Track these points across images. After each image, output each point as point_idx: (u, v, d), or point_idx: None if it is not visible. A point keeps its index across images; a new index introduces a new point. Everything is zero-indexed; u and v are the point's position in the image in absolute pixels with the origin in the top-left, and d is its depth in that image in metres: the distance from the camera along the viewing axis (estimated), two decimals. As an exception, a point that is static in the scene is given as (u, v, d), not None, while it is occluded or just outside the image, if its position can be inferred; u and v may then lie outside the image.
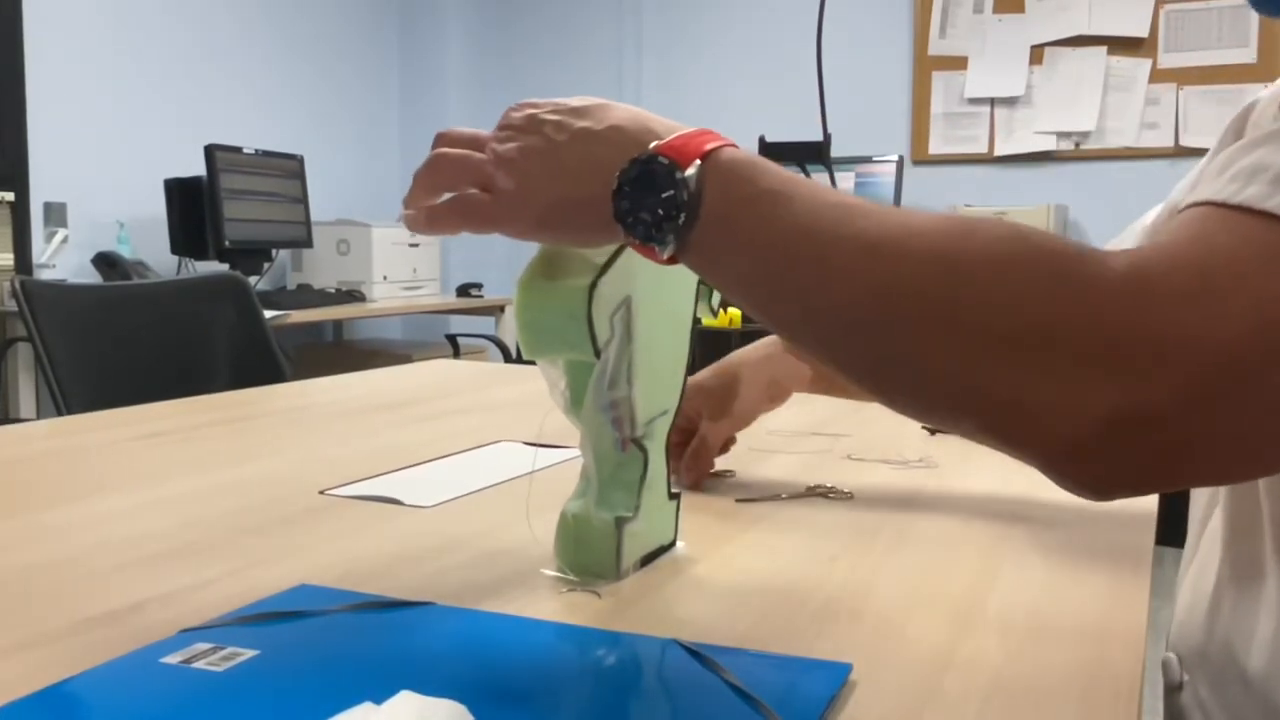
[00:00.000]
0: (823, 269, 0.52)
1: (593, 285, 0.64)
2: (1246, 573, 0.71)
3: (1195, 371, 0.44)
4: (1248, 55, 3.76)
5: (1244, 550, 0.72)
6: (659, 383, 0.73)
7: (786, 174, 0.56)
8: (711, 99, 4.45)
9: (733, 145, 0.57)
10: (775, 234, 0.54)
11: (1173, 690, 0.78)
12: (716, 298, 0.77)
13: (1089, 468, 0.47)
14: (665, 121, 0.60)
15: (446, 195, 0.64)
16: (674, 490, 0.76)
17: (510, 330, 4.25)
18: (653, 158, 0.57)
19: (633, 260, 0.67)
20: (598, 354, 0.66)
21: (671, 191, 0.56)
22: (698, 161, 0.56)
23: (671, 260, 0.57)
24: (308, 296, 3.78)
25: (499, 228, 0.63)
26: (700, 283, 0.76)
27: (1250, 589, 0.70)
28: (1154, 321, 0.45)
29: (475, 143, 0.64)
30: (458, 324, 4.54)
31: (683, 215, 0.55)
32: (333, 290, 3.95)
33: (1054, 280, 0.46)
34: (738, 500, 0.92)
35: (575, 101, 0.63)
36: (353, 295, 3.95)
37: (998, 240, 0.49)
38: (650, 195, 0.56)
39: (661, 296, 0.72)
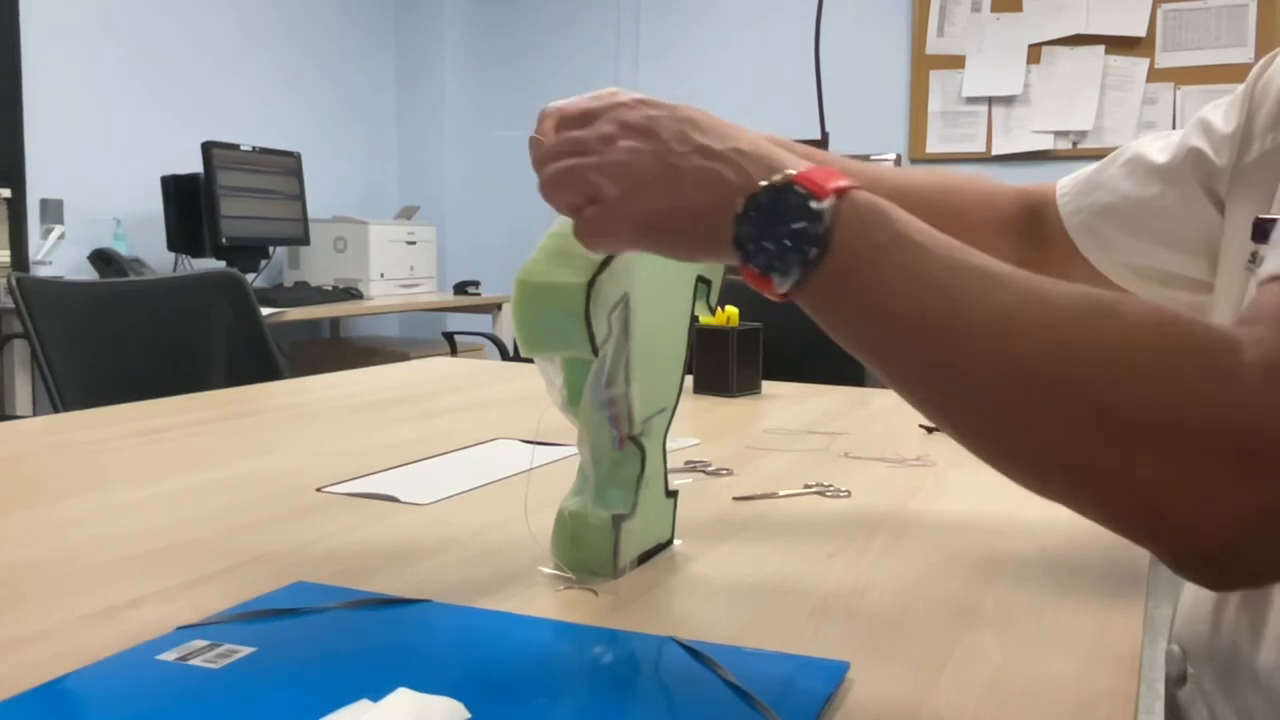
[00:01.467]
0: (955, 334, 0.50)
1: (591, 283, 0.64)
2: None
3: None
4: (1245, 54, 3.77)
5: None
6: (657, 381, 0.73)
7: (921, 224, 0.54)
8: (709, 96, 4.45)
9: (860, 188, 0.55)
10: (908, 285, 0.52)
11: (1176, 683, 0.78)
12: (714, 296, 0.77)
13: (1224, 563, 0.47)
14: (786, 153, 0.58)
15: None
16: (671, 488, 0.76)
17: (507, 328, 4.26)
18: (788, 185, 0.54)
19: (631, 259, 0.67)
20: (595, 352, 0.66)
21: (804, 223, 0.53)
22: (834, 197, 0.53)
23: (784, 297, 0.55)
24: (305, 294, 3.77)
25: (608, 240, 0.61)
26: (698, 280, 0.76)
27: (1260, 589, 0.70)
28: None
29: (587, 117, 0.61)
30: (455, 321, 4.54)
31: (814, 249, 0.53)
32: (330, 287, 3.95)
33: (1189, 376, 0.46)
34: (735, 498, 0.92)
35: (694, 114, 0.60)
36: (350, 292, 3.94)
37: (1137, 327, 0.48)
38: (779, 224, 0.54)
39: (659, 295, 0.72)
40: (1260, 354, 0.46)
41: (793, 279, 0.54)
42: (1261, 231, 0.71)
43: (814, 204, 0.53)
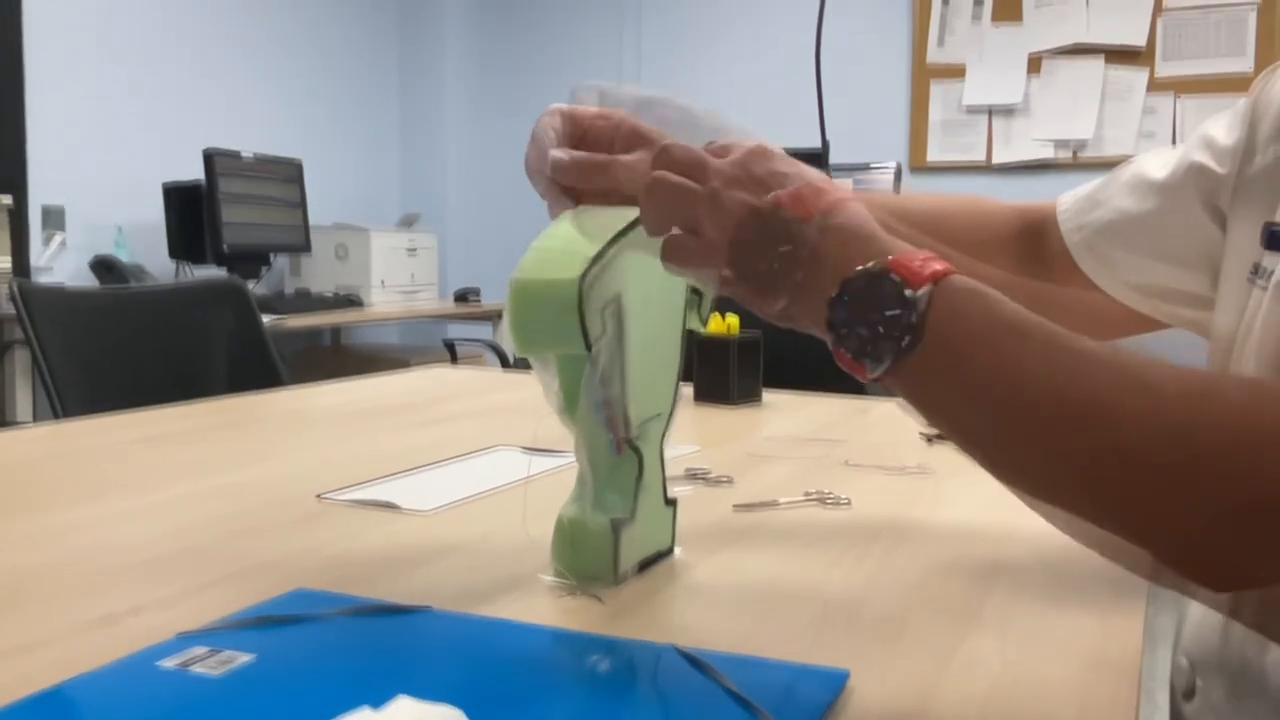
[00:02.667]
0: (1053, 423, 0.50)
1: (583, 276, 0.64)
2: None
3: None
4: (1245, 65, 3.78)
5: None
6: (652, 385, 0.73)
7: (1016, 307, 0.53)
8: (710, 107, 4.45)
9: (957, 271, 0.54)
10: (1003, 375, 0.51)
11: (1185, 695, 0.78)
12: (705, 309, 0.77)
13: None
14: (888, 236, 0.57)
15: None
16: (671, 496, 0.76)
17: (508, 336, 4.25)
18: (885, 272, 0.53)
19: (624, 259, 0.68)
20: (589, 347, 0.66)
21: (899, 311, 0.53)
22: (930, 285, 0.53)
23: (878, 379, 0.55)
24: (306, 301, 3.78)
25: (695, 269, 0.61)
26: (690, 291, 0.76)
27: (1270, 597, 0.70)
28: None
29: (698, 168, 0.60)
30: (455, 330, 4.54)
31: (907, 339, 0.52)
32: (331, 295, 3.95)
33: None
34: (735, 506, 0.92)
35: (815, 177, 0.59)
36: (351, 300, 3.95)
37: (1236, 407, 0.48)
38: (873, 311, 0.53)
39: (652, 300, 0.72)
40: None
41: (884, 366, 0.53)
42: (1273, 238, 0.71)
43: (909, 292, 0.53)
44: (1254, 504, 0.46)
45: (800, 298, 0.57)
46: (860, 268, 0.54)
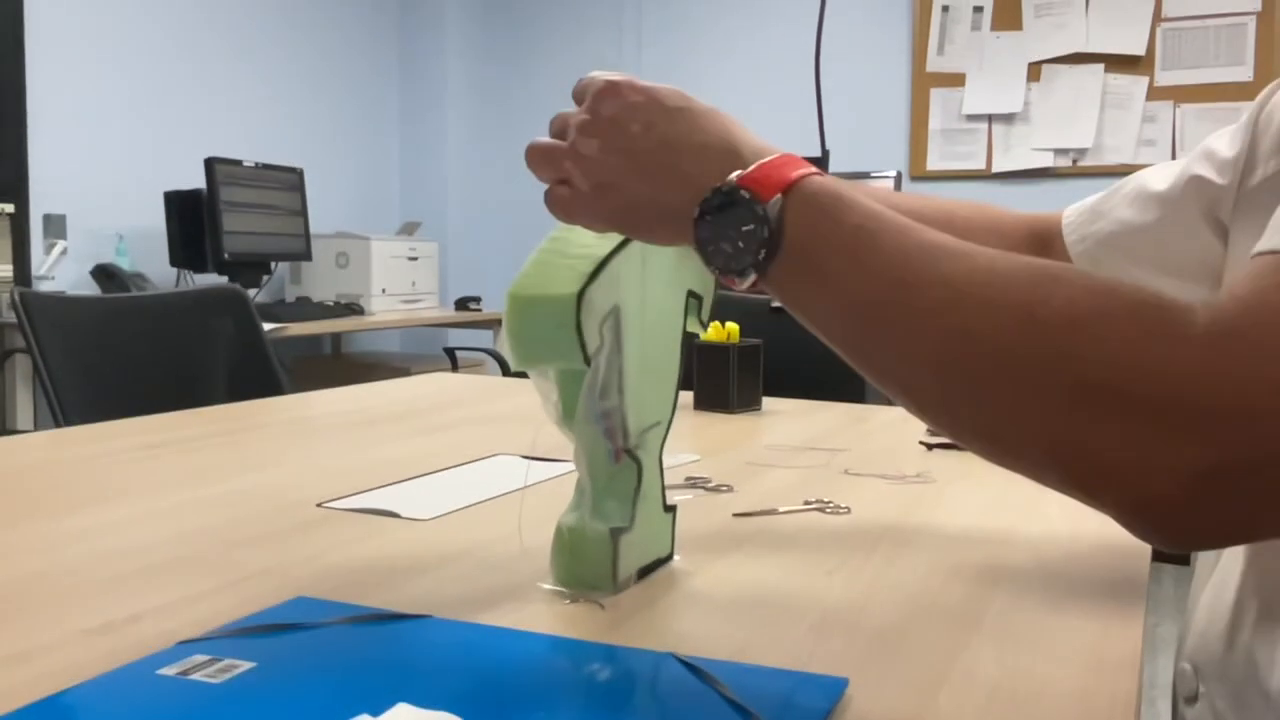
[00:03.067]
0: (906, 312, 0.52)
1: (580, 293, 0.65)
2: (1271, 590, 0.71)
3: None
4: (1244, 73, 3.78)
5: (1269, 566, 0.72)
6: (651, 394, 0.73)
7: (872, 208, 0.55)
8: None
9: (818, 173, 0.57)
10: (859, 274, 0.54)
11: (1187, 702, 0.78)
12: (705, 312, 0.77)
13: (1178, 522, 0.47)
14: (752, 141, 0.60)
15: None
16: (670, 504, 0.76)
17: (506, 349, 4.25)
18: (735, 189, 0.56)
19: (621, 270, 0.68)
20: (587, 361, 0.66)
21: (752, 226, 0.55)
22: (780, 195, 0.55)
23: (752, 289, 0.57)
24: (306, 309, 3.78)
25: (580, 219, 0.64)
26: (689, 296, 0.76)
27: (1275, 607, 0.70)
28: (1245, 377, 0.45)
29: (560, 124, 0.64)
30: (456, 337, 4.54)
31: (763, 252, 0.55)
32: (331, 303, 3.95)
33: (1141, 337, 0.47)
34: (735, 514, 0.92)
35: (667, 98, 0.62)
36: (351, 308, 3.95)
37: (1085, 291, 0.49)
38: (731, 228, 0.56)
39: (650, 308, 0.72)
40: (1210, 314, 0.47)
41: (751, 277, 0.57)
42: None
43: (760, 208, 0.55)
44: (1098, 385, 0.46)
45: (667, 221, 0.60)
46: (714, 187, 0.57)
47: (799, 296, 0.57)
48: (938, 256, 0.52)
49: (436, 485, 1.02)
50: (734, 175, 0.57)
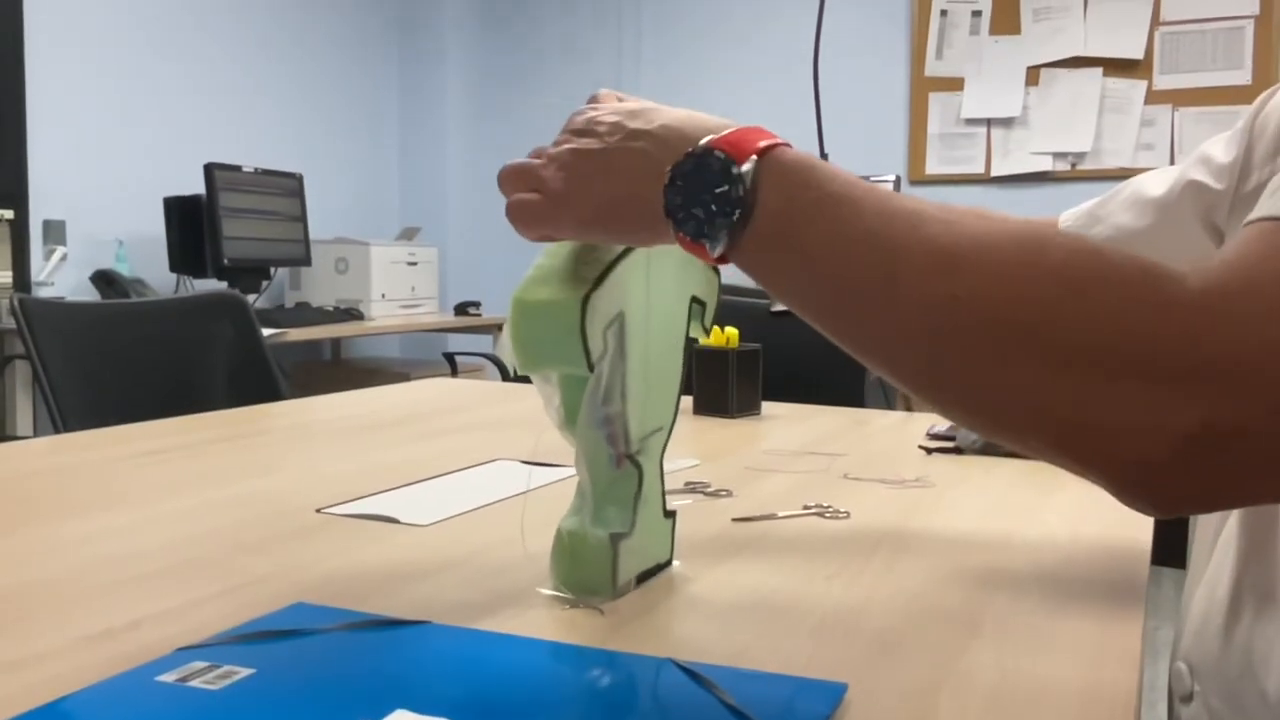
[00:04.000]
0: (890, 279, 0.51)
1: (586, 298, 0.65)
2: (1265, 588, 0.71)
3: (1278, 386, 0.44)
4: (1243, 77, 3.78)
5: (1263, 565, 0.72)
6: (653, 399, 0.73)
7: (849, 176, 0.54)
8: (709, 119, 4.46)
9: (788, 145, 0.56)
10: (840, 239, 0.52)
11: (1183, 700, 0.78)
12: (709, 317, 0.77)
13: (1167, 486, 0.47)
14: (719, 119, 0.59)
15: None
16: (670, 509, 0.76)
17: (508, 348, 4.25)
18: (708, 151, 0.55)
19: (626, 276, 0.68)
20: (591, 368, 0.66)
21: (726, 187, 0.54)
22: (754, 157, 0.54)
23: (721, 259, 0.56)
24: (306, 314, 3.78)
25: (547, 227, 0.63)
26: (693, 301, 0.76)
27: (1269, 604, 0.70)
28: (1234, 339, 0.45)
29: (541, 152, 0.64)
30: (456, 342, 4.54)
31: (737, 212, 0.54)
32: (331, 308, 3.95)
33: (1130, 299, 0.46)
34: (734, 519, 0.92)
35: (632, 104, 0.63)
36: (351, 313, 3.95)
37: (1073, 255, 0.48)
38: (703, 190, 0.55)
39: (654, 313, 0.72)
40: (1203, 279, 0.47)
41: (723, 244, 0.55)
42: None
43: (734, 168, 0.54)
44: (1086, 347, 0.46)
45: (642, 209, 0.58)
46: (688, 151, 0.56)
47: (774, 264, 0.55)
48: (923, 221, 0.51)
49: (436, 491, 1.02)
50: (706, 139, 0.56)
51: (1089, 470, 0.48)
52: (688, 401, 1.52)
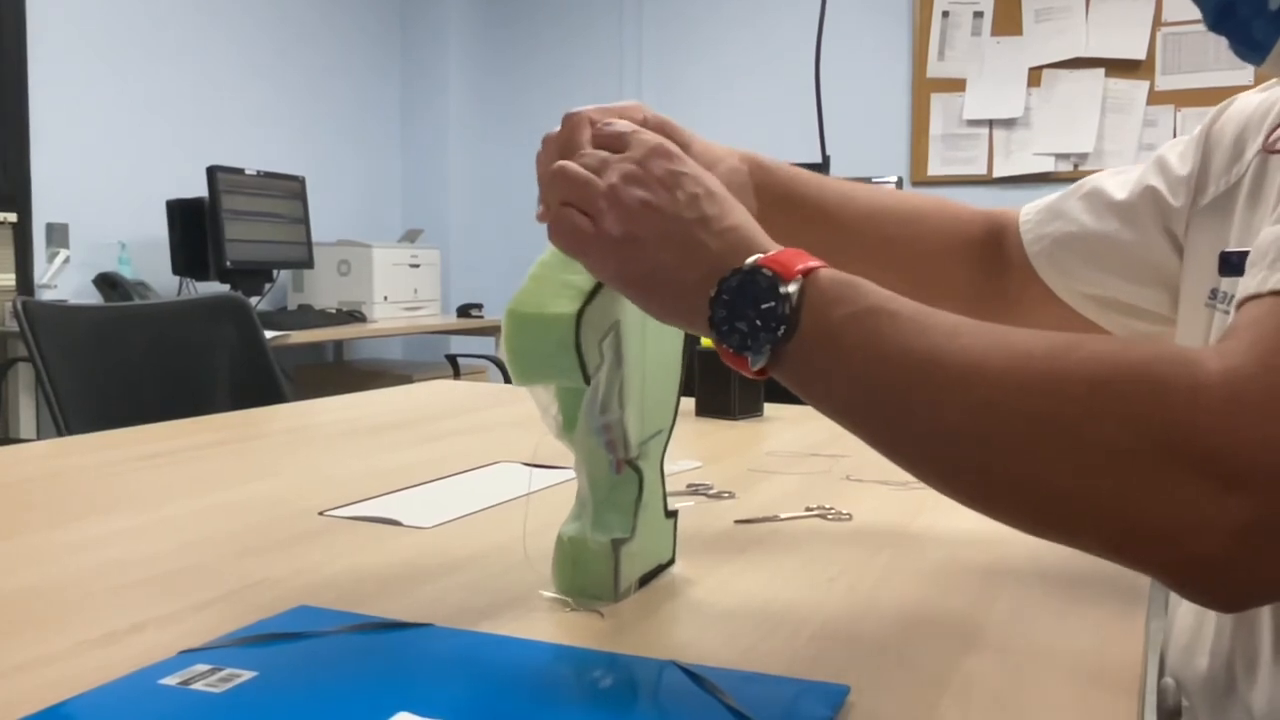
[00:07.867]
0: (930, 388, 0.52)
1: (580, 312, 0.64)
2: None
3: None
4: (1244, 77, 3.78)
5: None
6: (652, 403, 0.73)
7: (886, 292, 0.56)
8: (710, 123, 4.47)
9: (826, 265, 0.58)
10: (877, 351, 0.54)
11: (1169, 716, 0.78)
12: None
13: (1225, 580, 0.47)
14: (767, 239, 0.60)
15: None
16: (671, 508, 0.76)
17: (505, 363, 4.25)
18: (756, 269, 0.57)
19: None
20: (588, 380, 0.66)
21: (772, 304, 0.56)
22: (800, 277, 0.56)
23: (761, 373, 0.57)
24: (308, 317, 3.78)
25: (584, 260, 0.62)
26: None
27: (1254, 621, 0.70)
28: (1265, 429, 0.45)
29: (619, 143, 0.63)
30: (458, 344, 4.54)
31: (782, 328, 0.56)
32: (333, 311, 3.96)
33: (1160, 395, 0.47)
34: (736, 521, 0.92)
35: (711, 181, 0.62)
36: (353, 316, 3.96)
37: (1100, 355, 0.49)
38: (749, 306, 0.57)
39: (651, 320, 0.72)
40: (1221, 366, 0.47)
41: (765, 357, 0.57)
42: (1228, 264, 0.72)
43: (781, 287, 0.56)
44: (1126, 445, 0.47)
45: (681, 296, 0.60)
46: (734, 268, 0.57)
47: (814, 377, 0.57)
48: (957, 331, 0.53)
49: (438, 493, 1.02)
50: (754, 257, 0.57)
51: (1151, 572, 0.49)
52: (690, 403, 1.52)
